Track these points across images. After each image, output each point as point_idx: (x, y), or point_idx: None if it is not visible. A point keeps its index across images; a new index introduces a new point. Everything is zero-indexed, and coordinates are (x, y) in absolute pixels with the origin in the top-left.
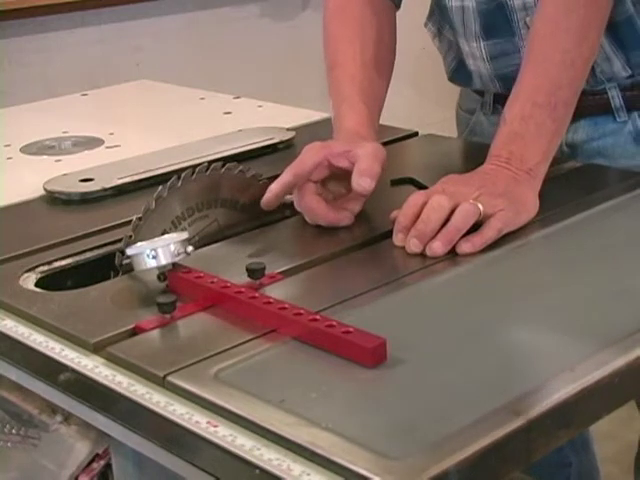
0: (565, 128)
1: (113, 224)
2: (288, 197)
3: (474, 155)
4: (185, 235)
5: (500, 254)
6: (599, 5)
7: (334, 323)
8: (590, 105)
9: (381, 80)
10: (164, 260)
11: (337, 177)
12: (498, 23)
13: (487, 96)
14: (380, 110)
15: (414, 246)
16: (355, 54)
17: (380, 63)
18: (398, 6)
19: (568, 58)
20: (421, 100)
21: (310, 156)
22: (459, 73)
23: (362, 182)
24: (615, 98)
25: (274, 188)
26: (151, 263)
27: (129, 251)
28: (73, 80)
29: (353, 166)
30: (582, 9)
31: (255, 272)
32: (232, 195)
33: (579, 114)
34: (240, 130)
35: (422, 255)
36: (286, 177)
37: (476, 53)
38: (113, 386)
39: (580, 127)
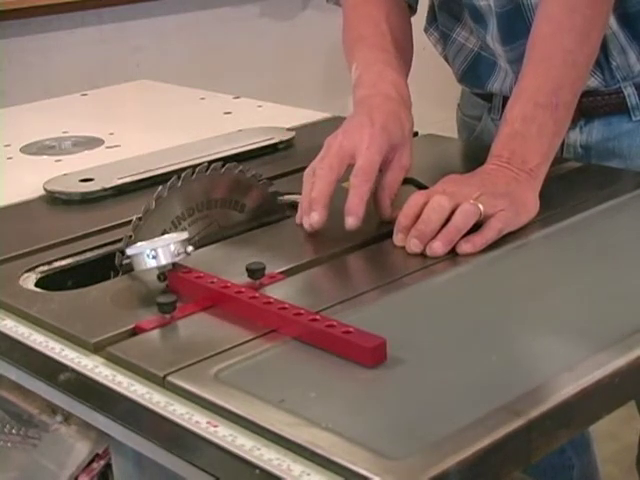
0: (566, 129)
1: (113, 224)
2: (287, 197)
3: (474, 155)
4: (185, 235)
5: (500, 254)
6: (602, 5)
7: (334, 323)
8: (604, 105)
9: (406, 66)
10: (164, 260)
11: None
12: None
13: (496, 100)
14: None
15: (414, 246)
16: (384, 33)
17: (404, 51)
18: (414, 11)
19: (570, 58)
20: (421, 100)
21: (376, 154)
22: (472, 75)
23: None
24: (631, 96)
25: (361, 213)
26: (151, 263)
27: (129, 251)
28: (73, 80)
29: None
30: (586, 9)
31: (255, 272)
32: (232, 195)
33: (593, 115)
34: (240, 130)
35: (422, 255)
36: (365, 188)
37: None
38: (113, 386)
39: (594, 128)
